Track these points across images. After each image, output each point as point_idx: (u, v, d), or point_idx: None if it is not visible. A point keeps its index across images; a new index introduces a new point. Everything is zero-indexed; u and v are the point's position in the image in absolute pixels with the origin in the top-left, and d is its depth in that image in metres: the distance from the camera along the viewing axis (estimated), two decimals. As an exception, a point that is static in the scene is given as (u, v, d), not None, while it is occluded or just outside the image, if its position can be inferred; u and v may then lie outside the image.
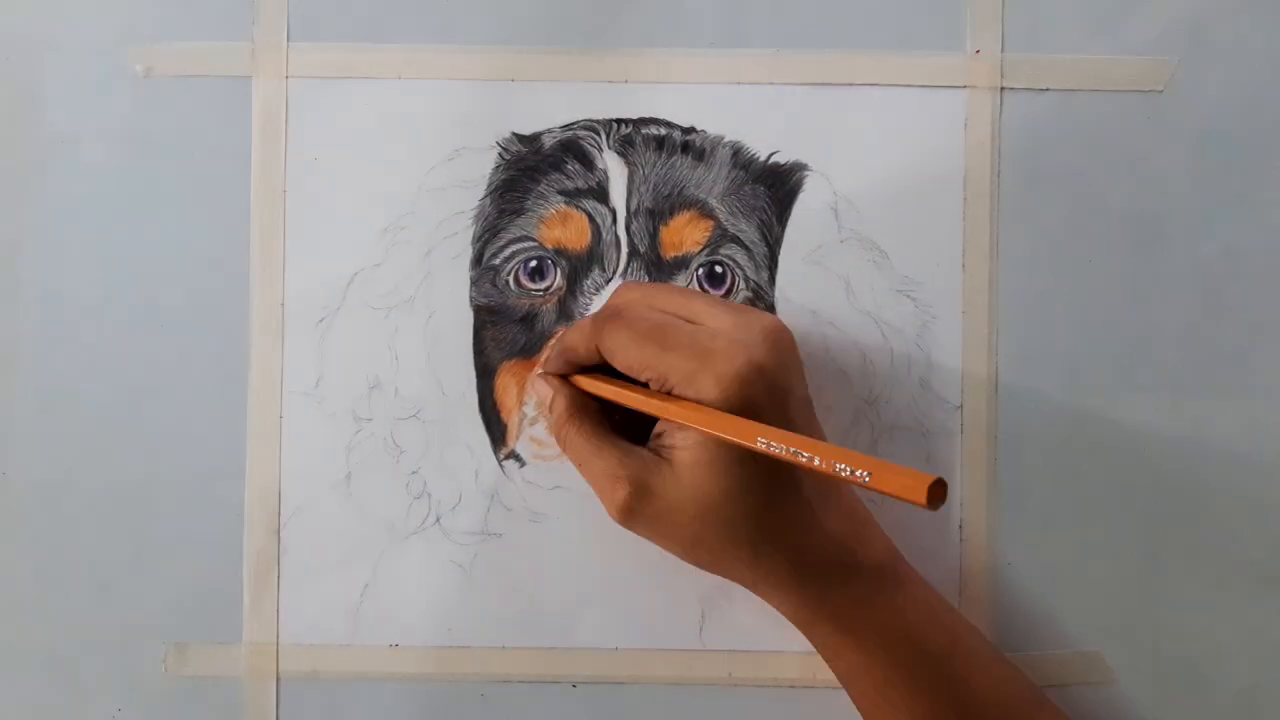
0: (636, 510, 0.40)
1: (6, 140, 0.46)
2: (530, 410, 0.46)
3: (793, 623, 0.42)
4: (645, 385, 0.40)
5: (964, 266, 0.46)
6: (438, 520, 0.46)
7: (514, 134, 0.46)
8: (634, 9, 0.46)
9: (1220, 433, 0.46)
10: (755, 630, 0.46)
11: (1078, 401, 0.46)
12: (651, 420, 0.41)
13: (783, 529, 0.40)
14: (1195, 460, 0.46)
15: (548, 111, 0.46)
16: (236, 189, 0.46)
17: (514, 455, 0.46)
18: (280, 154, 0.46)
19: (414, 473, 0.46)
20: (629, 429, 0.42)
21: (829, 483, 0.41)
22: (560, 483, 0.46)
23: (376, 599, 0.46)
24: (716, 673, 0.46)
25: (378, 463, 0.46)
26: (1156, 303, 0.46)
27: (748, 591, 0.45)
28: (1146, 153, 0.46)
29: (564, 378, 0.43)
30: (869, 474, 0.32)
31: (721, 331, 0.39)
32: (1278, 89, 0.46)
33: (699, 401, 0.38)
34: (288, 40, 0.46)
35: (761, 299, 0.46)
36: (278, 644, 0.46)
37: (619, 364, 0.40)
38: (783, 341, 0.40)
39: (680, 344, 0.39)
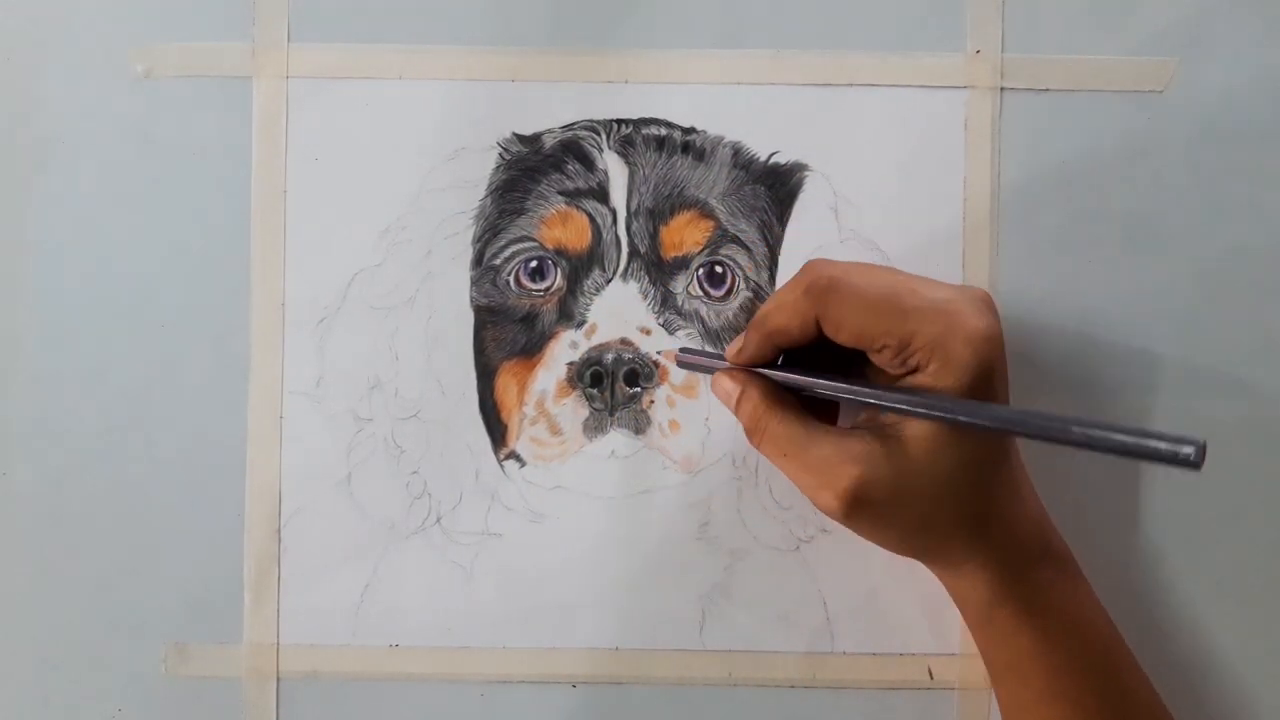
0: (865, 497, 0.37)
1: (7, 140, 0.46)
2: (530, 410, 0.46)
3: (976, 613, 0.40)
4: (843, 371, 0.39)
5: (964, 266, 0.46)
6: (438, 520, 0.46)
7: (514, 134, 0.46)
8: (634, 10, 0.46)
9: (1220, 433, 0.46)
10: (755, 630, 0.46)
11: (1077, 402, 0.46)
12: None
13: (998, 501, 0.39)
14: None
15: (548, 112, 0.46)
16: (237, 189, 0.46)
17: (514, 455, 0.46)
18: (281, 154, 0.46)
19: (414, 473, 0.46)
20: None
21: (1022, 463, 0.41)
22: (560, 483, 0.46)
23: (377, 599, 0.46)
24: (717, 673, 0.46)
25: (378, 463, 0.46)
26: (1156, 303, 0.46)
27: (748, 591, 0.45)
28: (1146, 153, 0.46)
29: (749, 370, 0.41)
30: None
31: (952, 299, 0.38)
32: (1276, 89, 0.46)
33: (942, 369, 0.37)
34: (288, 40, 0.46)
35: (761, 299, 0.46)
36: (278, 644, 0.46)
37: (848, 334, 0.38)
38: (997, 310, 0.39)
39: (921, 308, 0.37)
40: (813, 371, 0.40)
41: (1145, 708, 0.40)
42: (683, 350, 0.44)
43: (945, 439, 0.37)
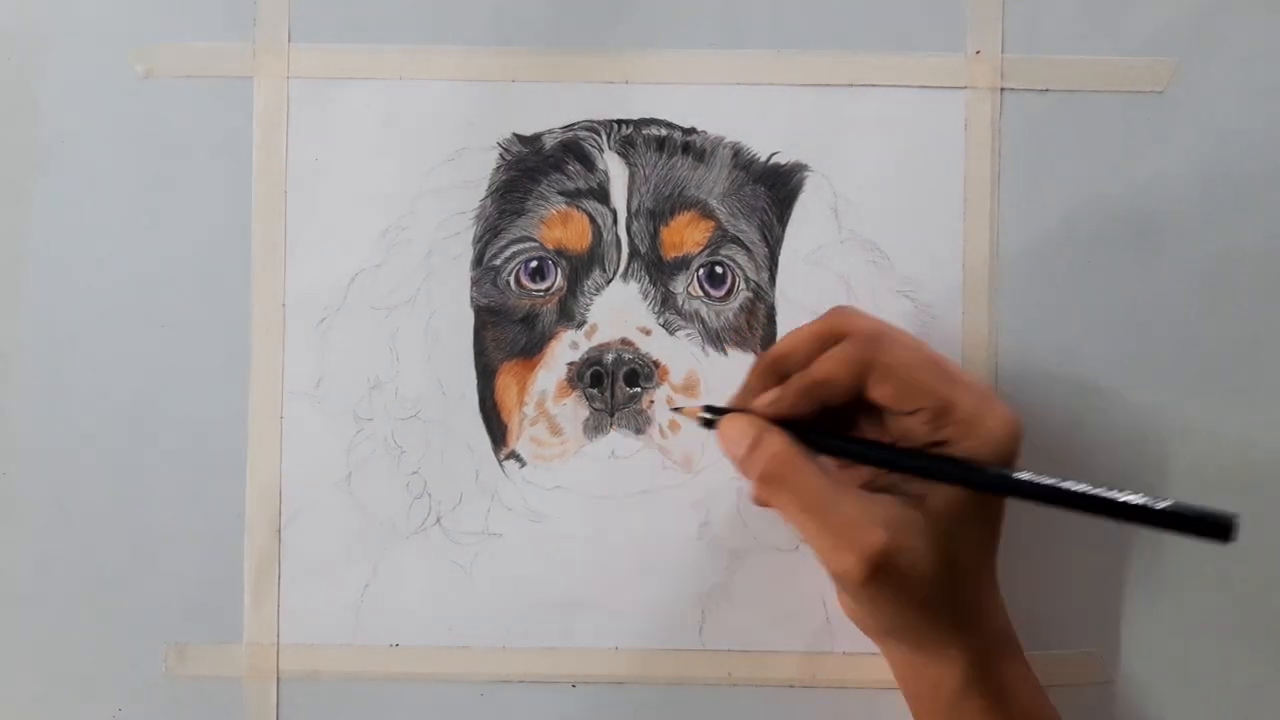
0: (891, 563, 0.36)
1: (7, 141, 0.46)
2: (530, 410, 0.46)
3: (942, 695, 0.39)
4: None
5: (964, 267, 0.46)
6: (438, 520, 0.46)
7: (515, 134, 0.46)
8: (634, 10, 0.46)
9: (1221, 431, 0.46)
10: (755, 630, 0.46)
11: (1077, 402, 0.46)
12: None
13: (984, 589, 0.39)
14: (1195, 459, 0.46)
15: (548, 112, 0.46)
16: (237, 190, 0.46)
17: (514, 455, 0.46)
18: (281, 155, 0.46)
19: (414, 473, 0.46)
20: None
21: None
22: (560, 483, 0.46)
23: (377, 599, 0.46)
24: (716, 672, 0.46)
25: (378, 463, 0.46)
26: (1156, 303, 0.46)
27: (748, 591, 0.45)
28: (1146, 153, 0.46)
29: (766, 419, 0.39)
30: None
31: (986, 384, 0.40)
32: (1276, 89, 0.46)
33: (970, 446, 0.37)
34: (289, 41, 0.46)
35: (762, 299, 0.46)
36: (278, 644, 0.46)
37: (892, 389, 0.37)
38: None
39: (963, 380, 0.38)
40: (840, 433, 0.40)
41: None
42: (706, 408, 0.42)
43: (967, 516, 0.37)
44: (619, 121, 0.46)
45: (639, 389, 0.45)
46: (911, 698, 0.41)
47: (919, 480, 0.38)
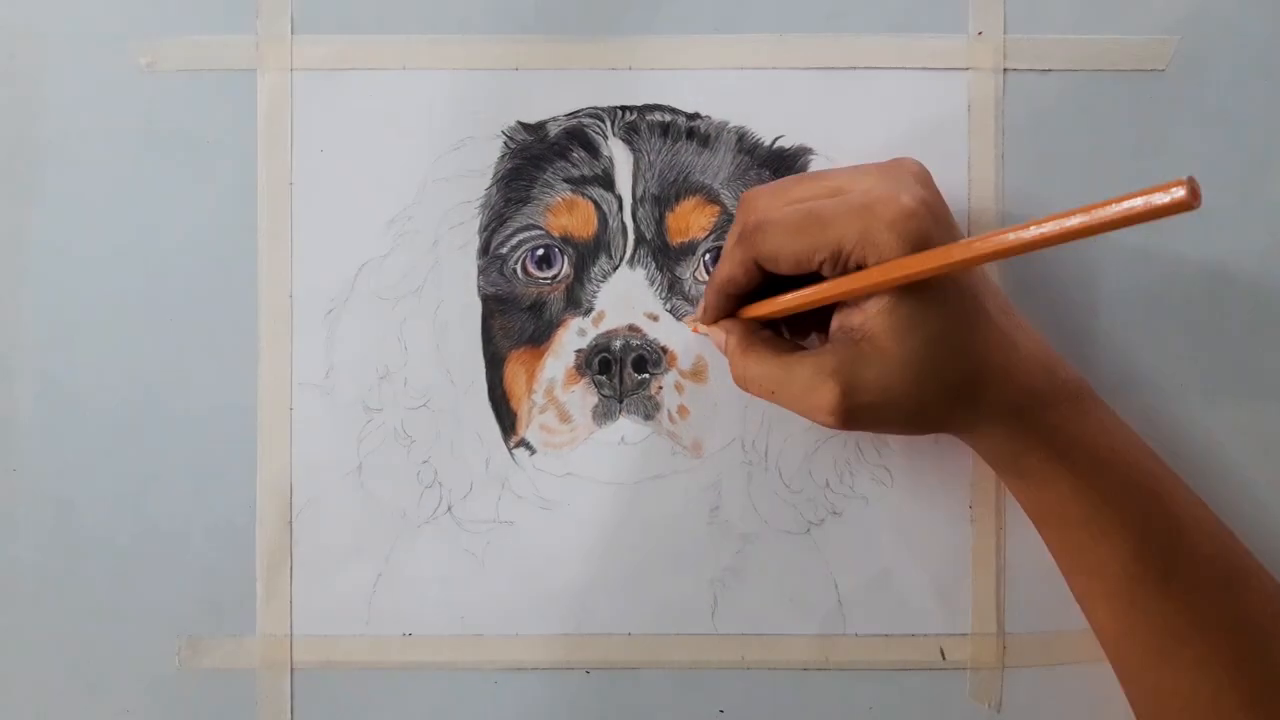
0: (854, 402, 0.38)
1: (11, 135, 0.46)
2: (539, 398, 0.46)
3: (1007, 467, 0.41)
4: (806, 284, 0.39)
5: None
6: (449, 509, 0.46)
7: (519, 123, 0.46)
8: (636, -4, 0.46)
9: (1224, 417, 0.46)
10: (767, 613, 0.46)
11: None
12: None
13: (988, 360, 0.39)
14: (1196, 456, 0.46)
15: (552, 100, 0.46)
16: (242, 182, 0.46)
17: (524, 443, 0.46)
18: (286, 147, 0.46)
19: (425, 462, 0.46)
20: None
21: (1009, 305, 0.41)
22: (570, 470, 0.46)
23: (389, 588, 0.46)
24: (729, 656, 0.46)
25: (388, 453, 0.46)
26: (1159, 282, 0.46)
27: (759, 574, 0.45)
28: (1149, 132, 0.46)
29: (730, 317, 0.42)
30: (1112, 209, 0.30)
31: (872, 187, 0.38)
32: (1278, 66, 0.46)
33: (879, 262, 0.37)
34: (291, 33, 0.46)
35: (768, 283, 0.46)
36: (291, 635, 0.46)
37: (785, 266, 0.39)
38: (927, 174, 0.40)
39: (839, 214, 0.37)
40: (771, 299, 0.41)
41: (1196, 524, 0.40)
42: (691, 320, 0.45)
43: (908, 320, 0.37)
44: (623, 108, 0.46)
45: (647, 375, 0.45)
46: (991, 466, 0.42)
47: (861, 310, 0.38)
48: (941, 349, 0.38)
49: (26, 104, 0.46)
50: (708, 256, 0.46)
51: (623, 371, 0.45)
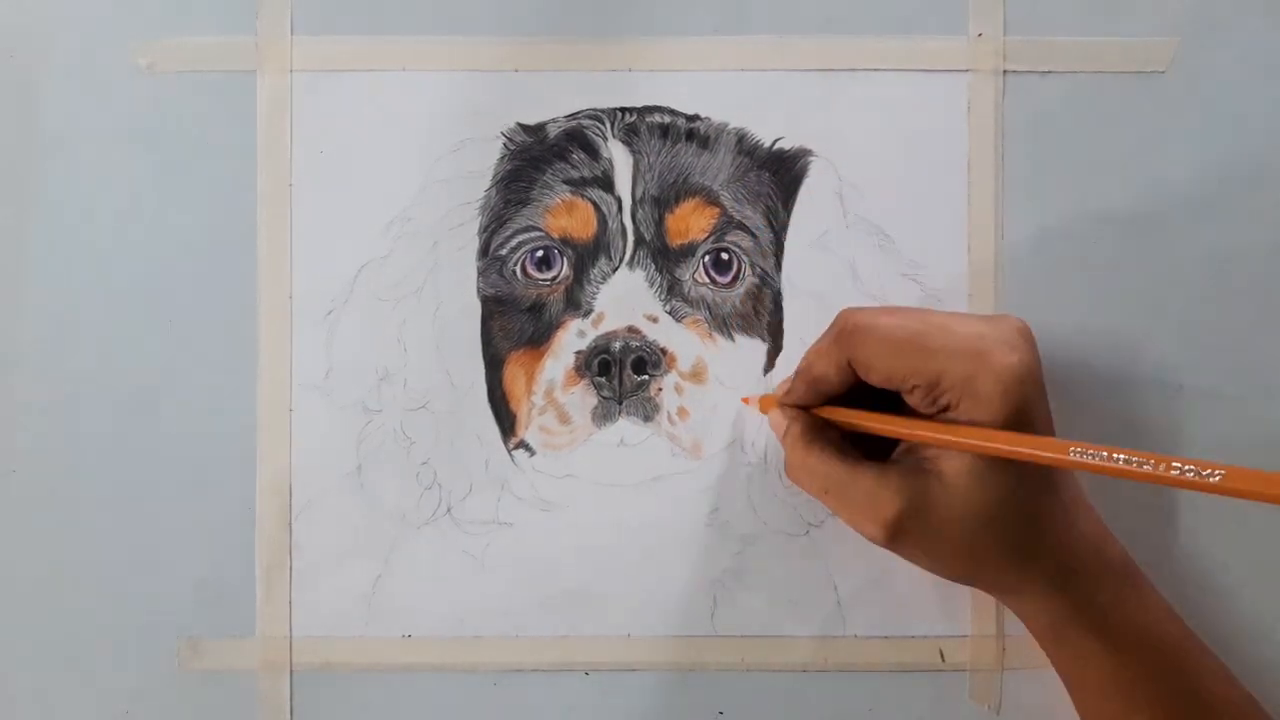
0: (908, 528, 0.39)
1: (10, 136, 0.46)
2: (539, 399, 0.46)
3: (1044, 633, 0.41)
4: (890, 409, 0.40)
5: (969, 250, 0.46)
6: (449, 510, 0.46)
7: (519, 124, 0.46)
8: (636, -3, 0.46)
9: (1227, 414, 0.46)
10: (767, 615, 0.46)
11: (1082, 383, 0.46)
12: (883, 443, 0.42)
13: (1048, 532, 0.39)
14: (1202, 443, 0.46)
15: (552, 101, 0.46)
16: (242, 184, 0.46)
17: (523, 444, 0.46)
18: (285, 148, 0.46)
19: (424, 463, 0.46)
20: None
21: (1076, 483, 0.41)
22: (570, 471, 0.46)
23: (389, 590, 0.46)
24: (729, 658, 0.46)
25: (388, 454, 0.46)
26: (1161, 283, 0.46)
27: (759, 576, 0.45)
28: (1149, 134, 0.46)
29: (800, 408, 0.43)
30: (1220, 474, 0.31)
31: (984, 334, 0.38)
32: (1278, 67, 0.46)
33: (973, 409, 0.38)
34: (291, 34, 0.46)
35: (768, 285, 0.46)
36: (291, 637, 0.46)
37: (877, 376, 0.39)
38: (1032, 335, 0.40)
39: (947, 346, 0.38)
40: (864, 412, 0.41)
41: (1224, 704, 0.40)
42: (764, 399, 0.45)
43: (983, 472, 0.38)
44: (622, 109, 0.46)
45: (647, 376, 0.45)
46: (1030, 631, 0.42)
47: (932, 446, 0.39)
48: (1009, 510, 0.38)
49: (27, 106, 0.46)
50: (707, 258, 0.46)
51: (622, 373, 0.45)
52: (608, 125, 0.46)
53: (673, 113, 0.46)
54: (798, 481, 0.42)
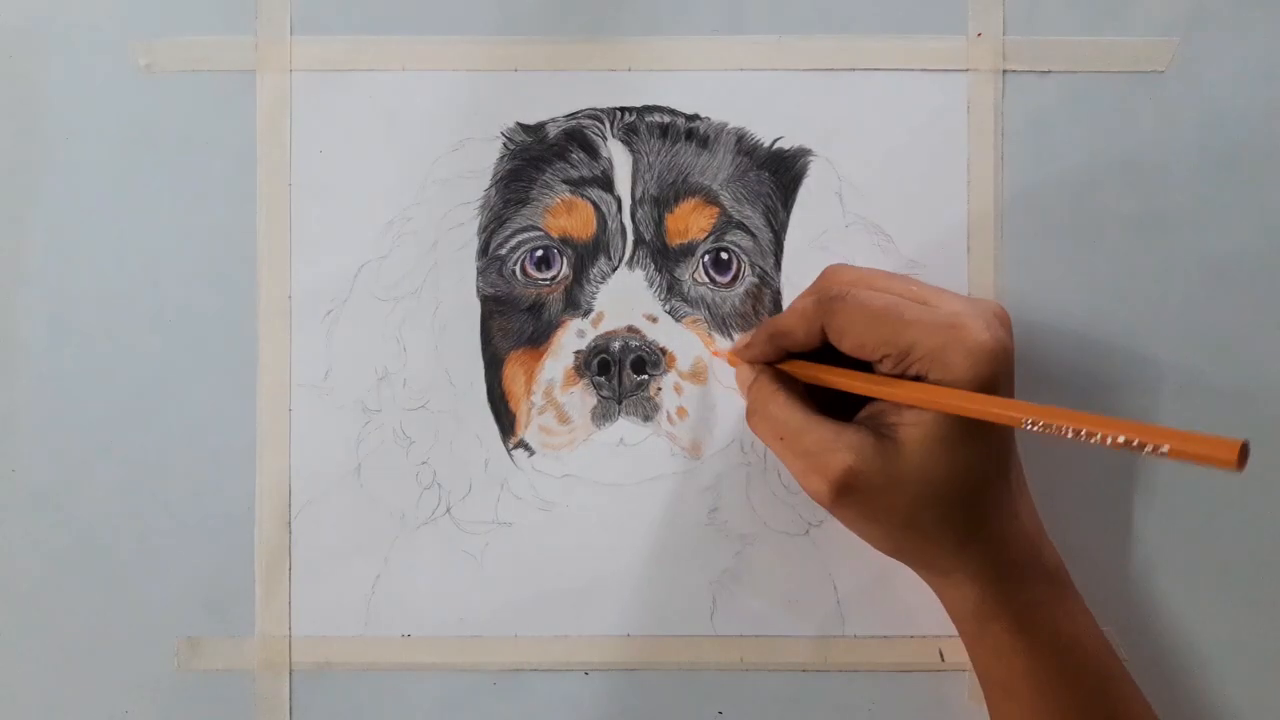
0: (854, 486, 0.38)
1: (10, 136, 0.46)
2: (538, 399, 0.46)
3: (966, 622, 0.41)
4: (863, 370, 0.40)
5: (968, 249, 0.46)
6: (448, 510, 0.46)
7: (518, 124, 0.46)
8: (636, -3, 0.46)
9: (1222, 415, 0.46)
10: (766, 615, 0.46)
11: (1081, 383, 0.46)
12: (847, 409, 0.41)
13: (991, 515, 0.39)
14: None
15: (551, 101, 0.46)
16: (242, 183, 0.46)
17: (523, 444, 0.46)
18: (285, 148, 0.46)
19: (423, 463, 0.46)
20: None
21: (1024, 478, 0.41)
22: (569, 471, 0.46)
23: (388, 590, 0.46)
24: (728, 657, 0.46)
25: (387, 454, 0.46)
26: (1159, 282, 0.46)
27: (758, 575, 0.45)
28: (1149, 133, 0.46)
29: (767, 364, 0.43)
30: (1168, 445, 0.31)
31: (961, 311, 0.38)
32: (1277, 68, 0.46)
33: (940, 381, 0.37)
34: (291, 34, 0.46)
35: (768, 285, 0.46)
36: (290, 636, 0.46)
37: (849, 344, 0.39)
38: (1009, 321, 0.40)
39: (922, 320, 0.38)
40: (829, 367, 0.41)
41: None
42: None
43: (940, 445, 0.38)
44: (622, 109, 0.46)
45: (646, 376, 0.45)
46: (951, 619, 0.42)
47: (896, 410, 0.39)
48: (956, 489, 0.38)
49: (27, 106, 0.46)
50: (706, 258, 0.46)
51: (621, 373, 0.45)
52: (607, 125, 0.46)
53: (672, 112, 0.46)
54: (755, 429, 0.42)
